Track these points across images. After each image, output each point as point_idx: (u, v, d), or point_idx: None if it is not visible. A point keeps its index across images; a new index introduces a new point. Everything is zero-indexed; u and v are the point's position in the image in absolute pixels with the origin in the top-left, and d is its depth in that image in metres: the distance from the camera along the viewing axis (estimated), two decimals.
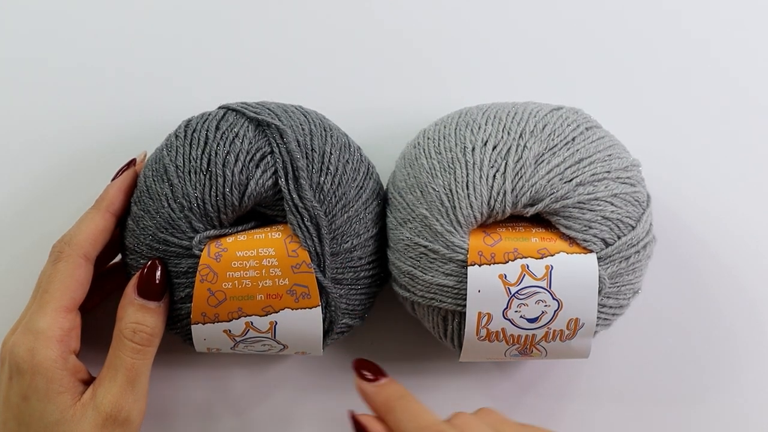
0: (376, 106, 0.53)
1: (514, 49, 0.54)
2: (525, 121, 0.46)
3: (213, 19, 0.54)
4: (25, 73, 0.53)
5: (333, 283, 0.44)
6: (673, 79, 0.54)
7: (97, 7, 0.54)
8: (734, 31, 0.54)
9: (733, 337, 0.51)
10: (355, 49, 0.54)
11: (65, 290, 0.44)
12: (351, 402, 0.51)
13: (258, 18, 0.54)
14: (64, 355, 0.43)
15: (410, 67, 0.54)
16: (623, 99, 0.54)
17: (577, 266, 0.43)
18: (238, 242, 0.44)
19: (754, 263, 0.51)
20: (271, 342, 0.45)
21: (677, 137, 0.53)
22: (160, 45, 0.54)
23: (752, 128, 0.53)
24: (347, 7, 0.54)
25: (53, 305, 0.43)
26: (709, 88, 0.53)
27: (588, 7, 0.54)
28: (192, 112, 0.47)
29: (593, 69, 0.54)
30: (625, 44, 0.54)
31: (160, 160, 0.45)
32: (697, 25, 0.54)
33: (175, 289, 0.45)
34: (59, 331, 0.43)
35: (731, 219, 0.52)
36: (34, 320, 0.43)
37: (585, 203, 0.45)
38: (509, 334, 0.44)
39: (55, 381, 0.43)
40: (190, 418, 0.51)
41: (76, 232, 0.45)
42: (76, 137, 0.53)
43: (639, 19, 0.54)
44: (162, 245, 0.44)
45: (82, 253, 0.45)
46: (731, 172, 0.53)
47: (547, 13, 0.54)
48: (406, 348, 0.50)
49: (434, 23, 0.54)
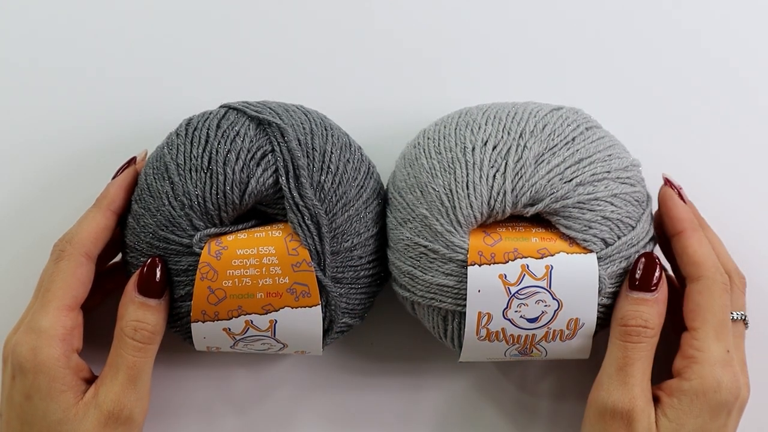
0: (376, 105, 0.53)
1: (515, 49, 0.54)
2: (525, 121, 0.46)
3: (214, 18, 0.54)
4: (24, 73, 0.53)
5: (333, 282, 0.45)
6: (673, 79, 0.54)
7: (98, 7, 0.54)
8: (735, 31, 0.54)
9: None
10: (356, 48, 0.54)
11: (67, 289, 0.44)
12: (351, 402, 0.51)
13: (259, 18, 0.54)
14: (66, 353, 0.43)
15: (411, 67, 0.54)
16: (623, 99, 0.54)
17: (577, 266, 0.43)
18: (239, 240, 0.44)
19: (755, 262, 0.51)
20: (270, 341, 0.45)
21: (677, 137, 0.53)
22: (161, 44, 0.54)
23: (752, 128, 0.53)
24: (348, 7, 0.54)
25: (55, 304, 0.43)
26: (710, 88, 0.54)
27: (588, 7, 0.54)
28: (193, 111, 0.47)
29: (593, 69, 0.54)
30: (626, 44, 0.54)
31: (161, 158, 0.45)
32: (697, 25, 0.54)
33: (175, 287, 0.45)
34: (62, 329, 0.43)
35: (731, 218, 0.52)
36: (37, 319, 0.43)
37: (585, 203, 0.45)
38: (509, 334, 0.44)
39: (58, 380, 0.43)
40: (190, 418, 0.51)
41: (78, 230, 0.45)
42: (76, 136, 0.53)
43: (639, 19, 0.54)
44: (162, 243, 0.44)
45: (83, 251, 0.45)
46: (731, 172, 0.53)
47: (547, 13, 0.54)
48: (406, 348, 0.50)
49: (434, 23, 0.54)
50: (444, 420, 0.50)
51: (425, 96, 0.53)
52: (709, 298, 0.43)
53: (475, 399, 0.51)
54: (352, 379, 0.51)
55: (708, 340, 0.43)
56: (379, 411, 0.51)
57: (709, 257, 0.44)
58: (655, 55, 0.54)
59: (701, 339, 0.43)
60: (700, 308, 0.43)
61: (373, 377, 0.51)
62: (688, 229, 0.45)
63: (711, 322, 0.43)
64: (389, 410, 0.51)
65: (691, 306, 0.44)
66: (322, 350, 0.46)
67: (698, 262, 0.44)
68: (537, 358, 0.46)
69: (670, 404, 0.43)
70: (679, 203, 0.46)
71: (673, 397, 0.43)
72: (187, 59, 0.54)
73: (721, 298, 0.43)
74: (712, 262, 0.44)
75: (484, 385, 0.51)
